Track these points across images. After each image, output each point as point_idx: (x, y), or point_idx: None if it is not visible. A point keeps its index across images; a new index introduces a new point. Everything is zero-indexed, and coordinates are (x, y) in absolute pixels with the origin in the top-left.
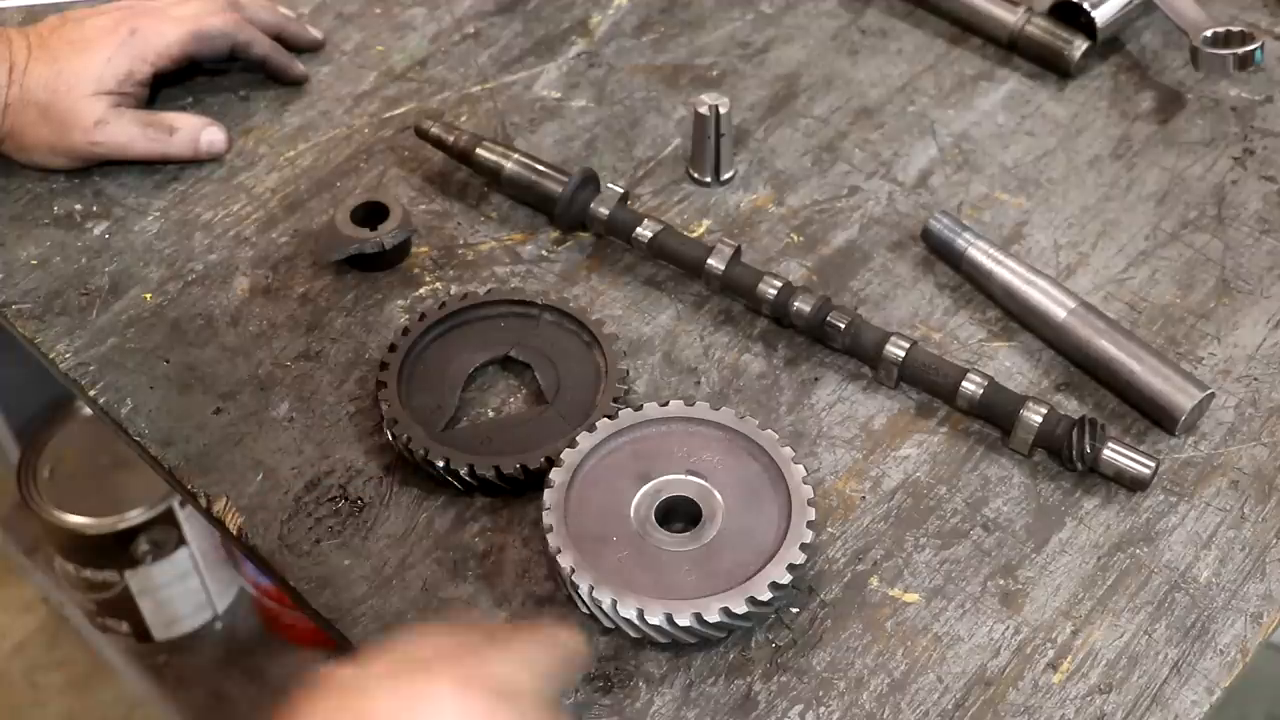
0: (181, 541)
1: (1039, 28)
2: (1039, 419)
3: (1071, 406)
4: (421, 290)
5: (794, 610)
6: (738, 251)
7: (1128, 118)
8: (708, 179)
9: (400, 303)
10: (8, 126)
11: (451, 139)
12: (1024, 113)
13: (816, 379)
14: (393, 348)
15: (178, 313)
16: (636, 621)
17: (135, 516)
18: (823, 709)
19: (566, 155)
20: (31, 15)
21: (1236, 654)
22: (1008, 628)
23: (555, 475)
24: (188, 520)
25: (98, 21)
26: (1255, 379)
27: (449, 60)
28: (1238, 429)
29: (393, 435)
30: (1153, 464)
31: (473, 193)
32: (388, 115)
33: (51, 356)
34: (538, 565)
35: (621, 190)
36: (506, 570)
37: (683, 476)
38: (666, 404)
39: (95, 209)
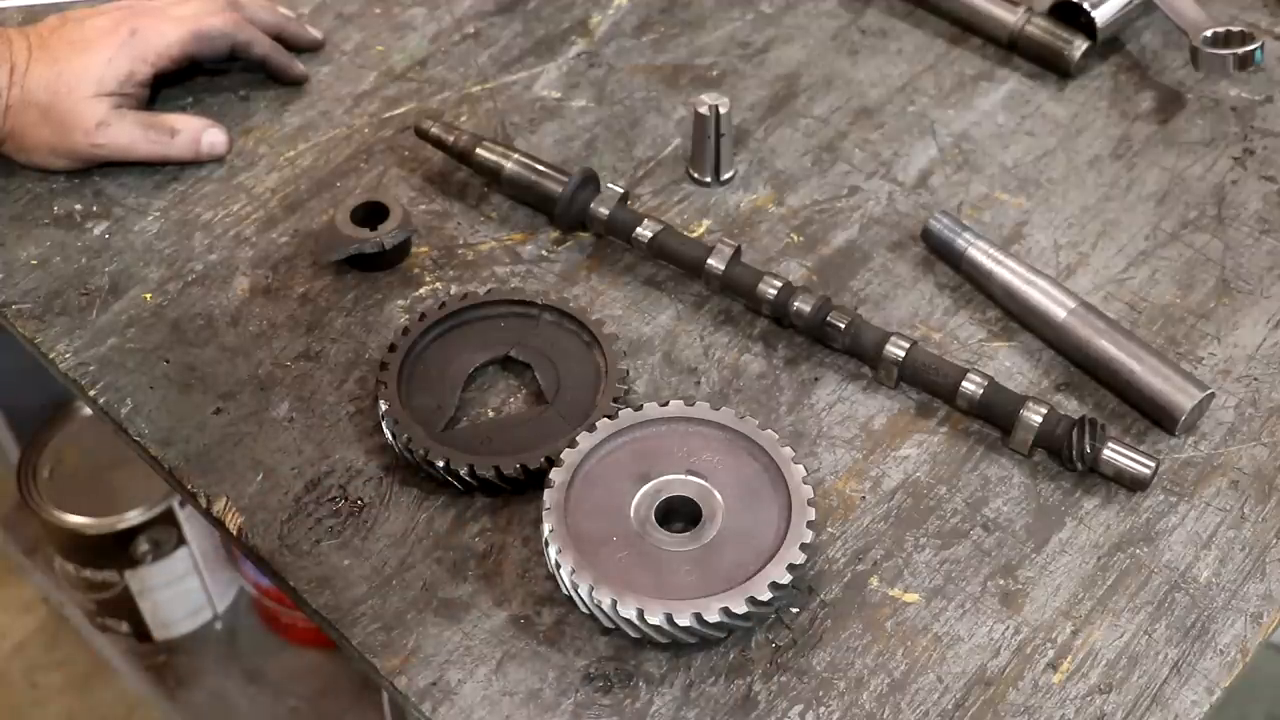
0: (181, 541)
1: (1039, 28)
2: (1039, 419)
3: (1071, 406)
4: (421, 290)
5: (794, 610)
6: (738, 251)
7: (1128, 118)
8: (708, 179)
9: (400, 303)
10: (9, 128)
11: (451, 139)
12: (1024, 113)
13: (816, 379)
14: (393, 348)
15: (178, 313)
16: (636, 621)
17: (135, 516)
18: (823, 709)
19: (566, 155)
20: (31, 15)
21: (1236, 654)
22: (1008, 628)
23: (555, 475)
24: (188, 520)
25: (98, 22)
26: (1255, 379)
27: (449, 60)
28: (1238, 429)
29: (393, 435)
30: (1153, 464)
31: (473, 193)
32: (388, 115)
33: (51, 356)
34: (538, 565)
35: (621, 190)
36: (506, 570)
37: (683, 476)
38: (666, 404)
39: (95, 209)
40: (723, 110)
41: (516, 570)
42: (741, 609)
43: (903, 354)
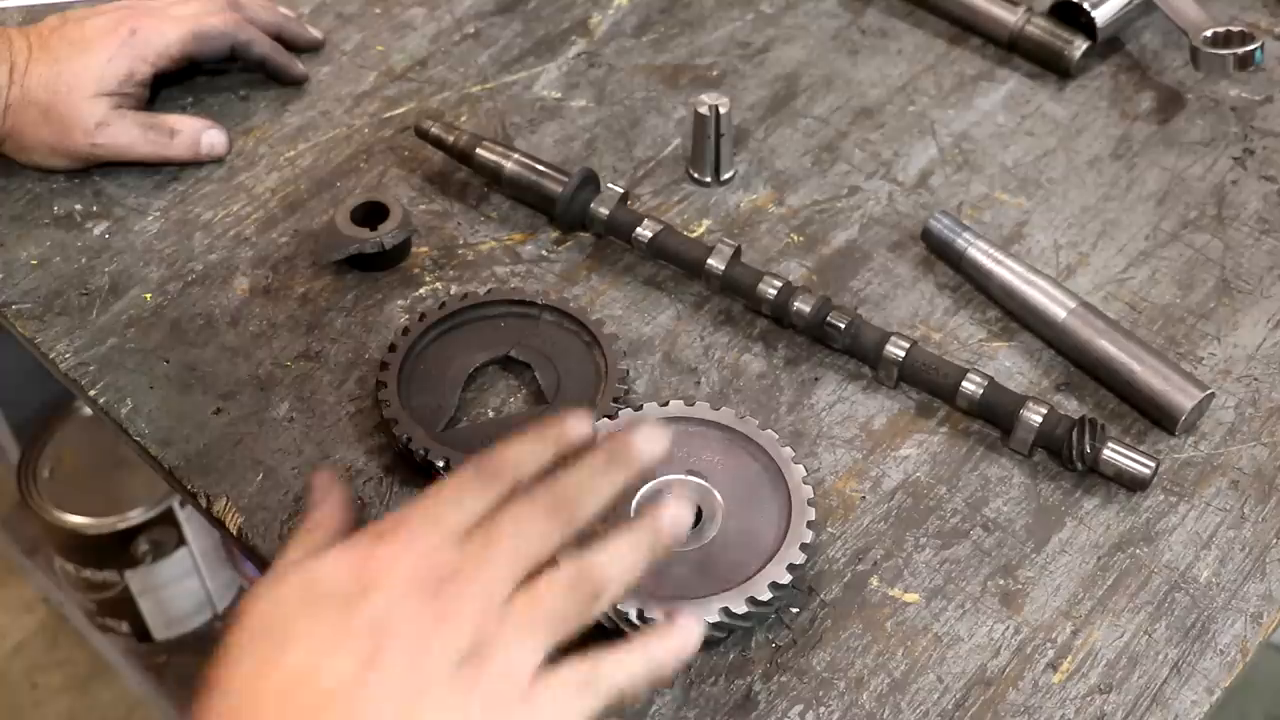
0: (181, 541)
1: (1039, 28)
2: (1039, 419)
3: (1071, 406)
4: (421, 290)
5: (794, 610)
6: (738, 251)
7: (1128, 118)
8: (708, 179)
9: (400, 303)
10: (8, 127)
11: (451, 139)
12: (1024, 113)
13: (816, 379)
14: (393, 348)
15: (178, 313)
16: (636, 621)
17: (135, 516)
18: (823, 709)
19: (566, 155)
20: (31, 15)
21: (1236, 654)
22: (1008, 628)
23: None
24: (188, 520)
25: (98, 22)
26: (1255, 379)
27: (449, 60)
28: (1238, 429)
29: (393, 435)
30: (1153, 464)
31: (473, 193)
32: (388, 115)
33: (51, 356)
34: None
35: (621, 190)
36: None
37: (683, 477)
38: (666, 404)
39: (95, 209)
40: (723, 110)
41: None
42: (741, 609)
43: (903, 354)
